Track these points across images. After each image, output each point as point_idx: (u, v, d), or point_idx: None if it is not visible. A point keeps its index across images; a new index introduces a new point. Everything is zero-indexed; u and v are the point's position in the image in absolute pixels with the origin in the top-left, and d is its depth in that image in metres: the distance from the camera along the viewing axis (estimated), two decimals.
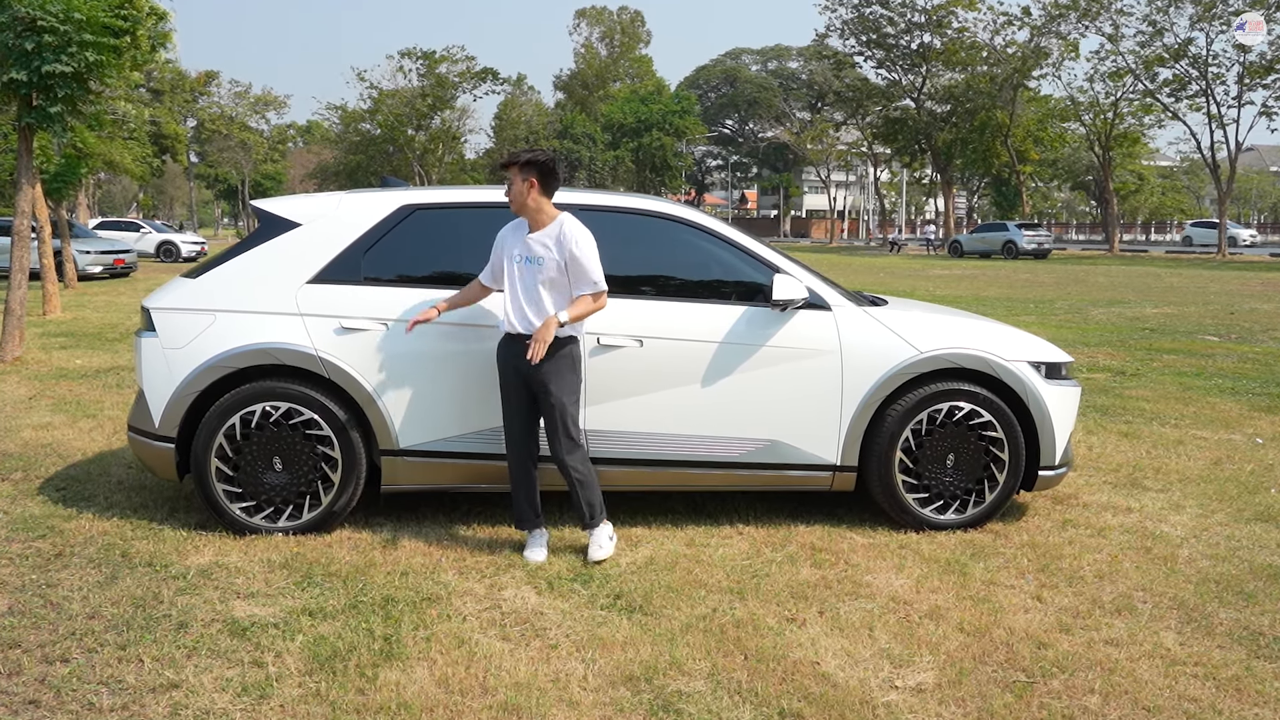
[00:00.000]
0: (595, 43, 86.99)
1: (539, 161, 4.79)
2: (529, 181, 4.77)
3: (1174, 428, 8.26)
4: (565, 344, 4.85)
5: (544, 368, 4.80)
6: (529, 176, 4.77)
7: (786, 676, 3.77)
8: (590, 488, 4.96)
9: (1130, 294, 23.19)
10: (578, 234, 4.77)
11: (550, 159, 4.84)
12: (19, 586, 4.53)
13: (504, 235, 4.99)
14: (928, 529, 5.42)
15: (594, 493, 4.97)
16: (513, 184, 4.81)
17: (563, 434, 4.88)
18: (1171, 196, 75.70)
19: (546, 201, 4.85)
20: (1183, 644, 4.10)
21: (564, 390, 4.86)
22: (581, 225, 4.83)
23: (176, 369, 5.21)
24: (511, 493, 5.09)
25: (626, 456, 5.31)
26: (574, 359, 4.92)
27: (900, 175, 77.24)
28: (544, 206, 4.84)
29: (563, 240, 4.76)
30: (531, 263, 4.81)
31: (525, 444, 5.03)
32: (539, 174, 4.78)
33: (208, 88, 69.53)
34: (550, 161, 4.83)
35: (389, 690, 3.61)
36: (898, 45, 60.48)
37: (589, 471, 4.97)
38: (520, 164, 4.78)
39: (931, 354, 5.36)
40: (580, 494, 4.94)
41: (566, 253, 4.74)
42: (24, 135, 11.05)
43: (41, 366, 10.84)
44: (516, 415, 4.99)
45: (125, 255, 27.03)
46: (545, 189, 4.82)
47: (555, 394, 4.83)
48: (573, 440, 4.90)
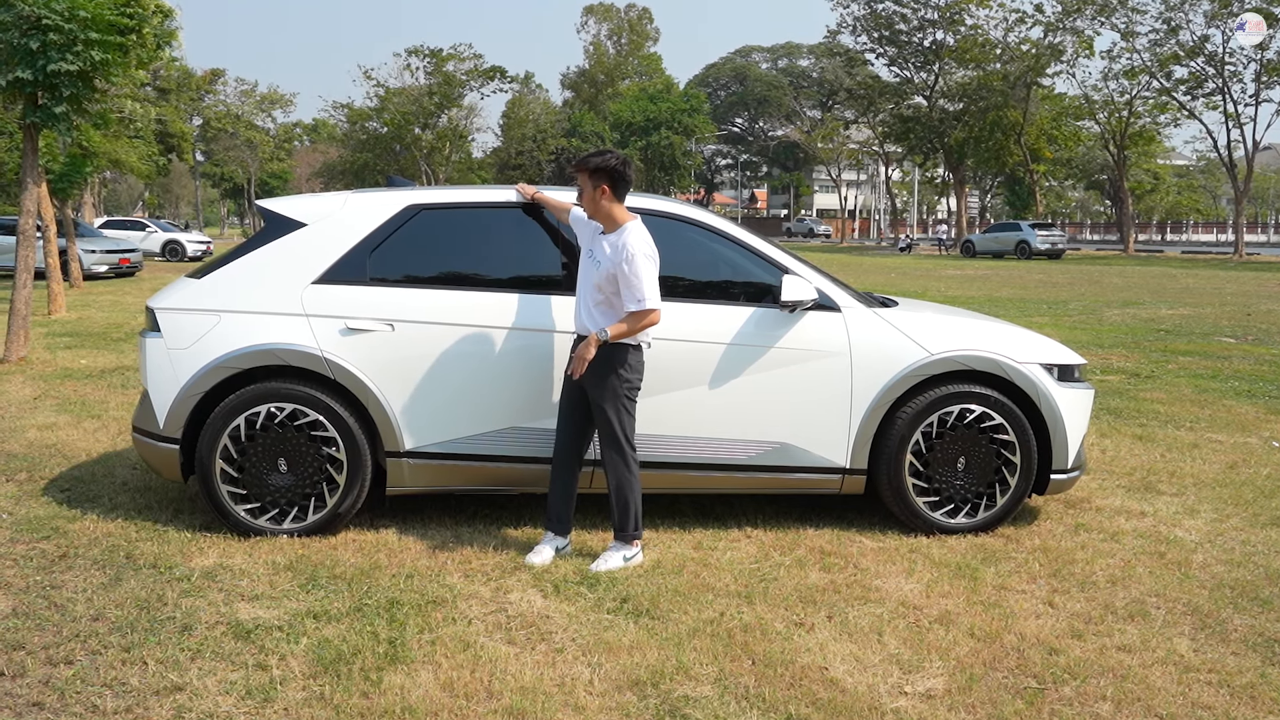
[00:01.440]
0: (604, 40, 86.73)
1: (608, 168, 4.69)
2: (600, 188, 4.69)
3: (1189, 431, 8.20)
4: (617, 351, 4.74)
5: (594, 374, 4.74)
6: (600, 184, 4.68)
7: (794, 682, 3.73)
8: (626, 502, 4.86)
9: (1145, 295, 23.02)
10: (634, 248, 4.62)
11: (620, 163, 4.73)
12: (23, 588, 4.51)
13: (586, 221, 4.96)
14: (938, 533, 5.38)
15: (630, 508, 4.86)
16: (583, 190, 4.74)
17: (608, 442, 4.82)
18: (1188, 196, 75.04)
19: (618, 206, 4.76)
20: (1197, 650, 4.05)
21: (609, 398, 4.77)
22: (644, 238, 4.68)
23: (181, 369, 5.18)
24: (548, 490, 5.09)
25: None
26: (629, 365, 4.78)
27: (912, 174, 76.91)
28: (614, 211, 4.74)
29: (619, 249, 4.65)
30: (592, 261, 4.78)
31: (567, 446, 4.98)
32: (609, 180, 4.69)
33: (214, 86, 69.54)
34: (620, 166, 4.72)
35: (393, 694, 3.58)
36: (910, 42, 60.14)
37: (630, 486, 4.86)
38: (590, 170, 4.70)
39: (942, 356, 5.32)
40: (615, 504, 4.88)
41: (618, 264, 4.64)
42: (29, 134, 11.04)
43: (46, 366, 10.83)
44: (564, 416, 4.96)
45: (130, 254, 27.03)
46: (617, 193, 4.74)
47: (601, 402, 4.77)
48: (617, 451, 4.82)
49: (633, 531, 4.89)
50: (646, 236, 4.70)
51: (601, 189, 4.69)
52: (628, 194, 4.84)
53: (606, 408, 4.77)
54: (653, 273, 4.65)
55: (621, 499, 4.86)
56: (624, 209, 4.77)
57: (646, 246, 4.66)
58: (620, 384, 4.77)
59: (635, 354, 4.82)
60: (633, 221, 4.74)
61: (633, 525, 4.88)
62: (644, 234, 4.70)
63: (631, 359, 4.80)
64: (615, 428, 4.79)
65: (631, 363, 4.80)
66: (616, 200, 4.74)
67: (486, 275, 5.37)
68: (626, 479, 4.85)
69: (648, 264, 4.63)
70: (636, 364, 4.83)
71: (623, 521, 4.88)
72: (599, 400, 4.78)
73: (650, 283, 4.63)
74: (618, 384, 4.76)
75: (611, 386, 4.76)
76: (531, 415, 5.22)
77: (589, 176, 4.70)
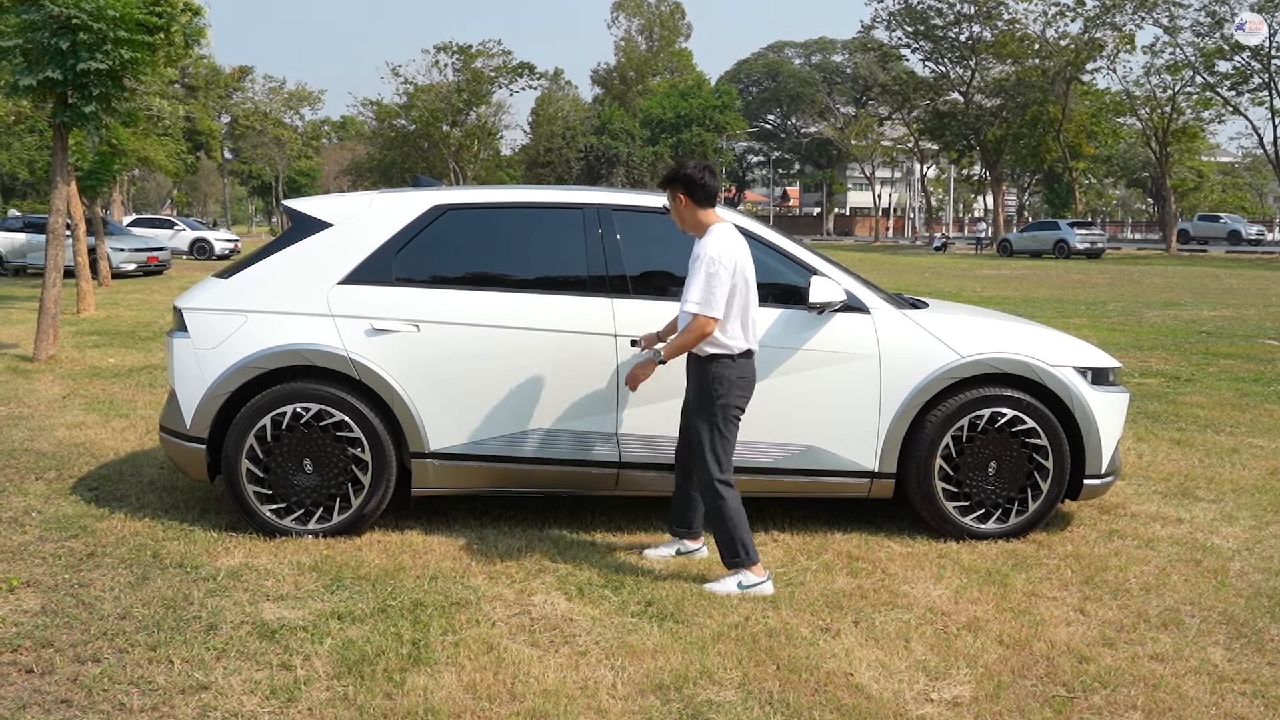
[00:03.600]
0: (635, 35, 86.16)
1: (681, 176, 4.59)
2: (678, 198, 4.61)
3: (1229, 435, 8.06)
4: (705, 363, 4.59)
5: (691, 387, 4.67)
6: (676, 193, 4.61)
7: (819, 687, 3.70)
8: (721, 534, 4.61)
9: (1187, 295, 22.57)
10: (704, 250, 4.48)
11: (695, 169, 4.59)
12: (52, 586, 4.54)
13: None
14: (968, 538, 5.32)
15: (727, 538, 4.59)
16: (670, 205, 4.70)
17: (696, 461, 4.65)
18: (1233, 194, 73.46)
19: (704, 211, 4.62)
20: (1231, 660, 3.99)
21: (698, 414, 4.61)
22: (719, 243, 4.50)
23: (208, 369, 5.21)
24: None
25: (662, 461, 5.23)
26: (717, 379, 4.57)
27: (948, 172, 75.89)
28: (699, 218, 4.61)
29: (692, 254, 4.56)
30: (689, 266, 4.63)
31: (679, 453, 4.93)
32: (685, 188, 4.58)
33: (242, 83, 69.92)
34: (695, 172, 4.58)
35: (416, 695, 3.58)
36: (946, 37, 59.11)
37: (721, 516, 4.59)
38: (666, 183, 4.65)
39: (973, 358, 5.26)
40: (714, 535, 4.66)
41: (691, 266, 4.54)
42: (59, 133, 11.15)
43: (75, 365, 10.94)
44: (680, 424, 4.92)
45: (159, 253, 27.26)
46: (697, 200, 4.59)
47: (695, 417, 4.63)
48: (703, 472, 4.61)
49: (743, 559, 4.59)
50: (723, 242, 4.51)
51: (680, 198, 4.60)
52: (713, 198, 4.63)
53: (698, 424, 4.61)
54: (714, 278, 4.43)
55: (716, 529, 4.62)
56: (711, 214, 4.62)
57: (716, 250, 4.46)
58: (709, 401, 4.58)
59: (725, 367, 4.58)
60: (717, 225, 4.59)
61: (739, 553, 4.59)
62: (722, 239, 4.51)
63: (719, 371, 4.57)
64: (703, 447, 4.59)
65: (720, 376, 4.57)
66: (698, 206, 4.60)
67: (513, 276, 5.37)
68: (715, 507, 4.60)
69: (710, 268, 4.43)
70: (727, 378, 4.57)
71: (723, 552, 4.63)
72: (692, 415, 4.65)
73: (705, 288, 4.43)
74: (707, 401, 4.58)
75: (701, 403, 4.60)
76: (557, 417, 5.20)
77: (667, 190, 4.66)
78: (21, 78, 10.30)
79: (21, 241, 26.15)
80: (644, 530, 5.43)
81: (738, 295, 4.53)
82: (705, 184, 4.58)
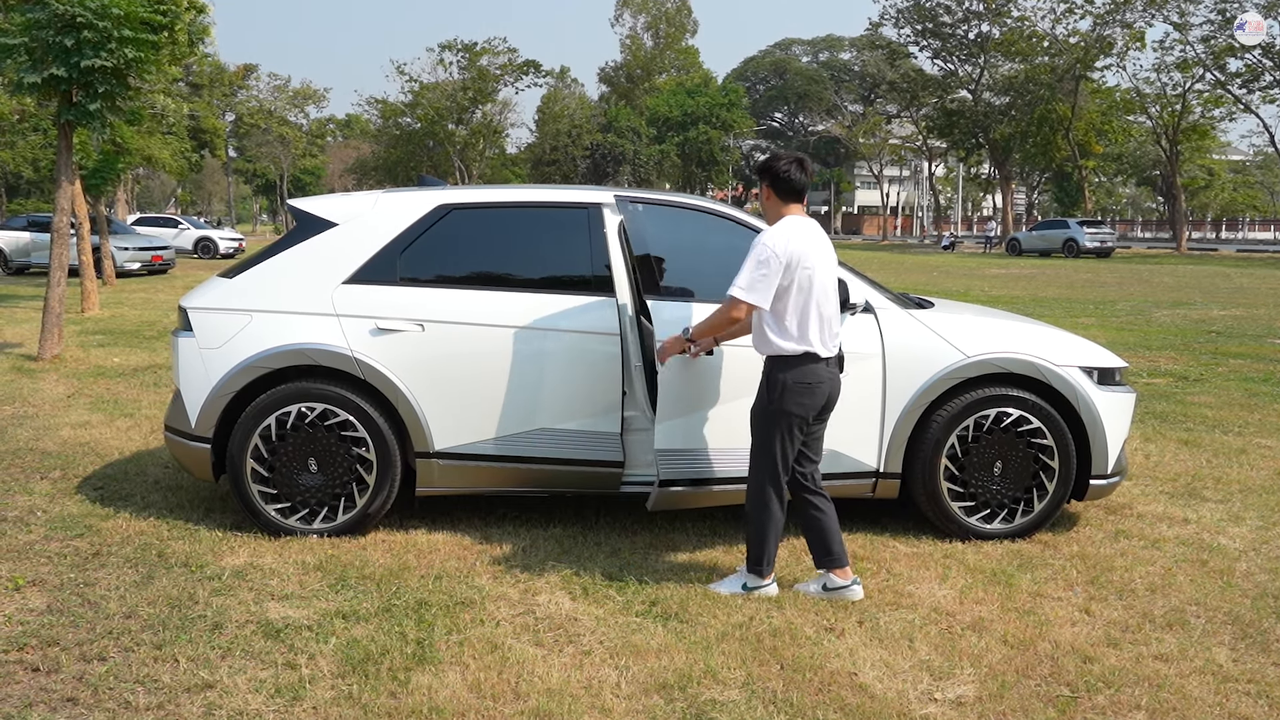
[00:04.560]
0: (640, 33, 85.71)
1: (768, 168, 4.47)
2: (764, 188, 4.50)
3: (1237, 436, 8.03)
4: (767, 364, 4.45)
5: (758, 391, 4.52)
6: (763, 183, 4.49)
7: (823, 687, 3.70)
8: (754, 532, 4.50)
9: (1197, 295, 22.41)
10: (761, 237, 4.34)
11: (783, 163, 4.43)
12: (58, 585, 4.55)
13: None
14: (974, 538, 5.31)
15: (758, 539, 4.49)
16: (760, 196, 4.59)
17: (751, 461, 4.52)
18: (1244, 192, 72.82)
19: (781, 205, 4.46)
20: (1236, 660, 3.98)
21: (758, 417, 4.47)
22: (778, 232, 4.33)
23: (213, 369, 5.22)
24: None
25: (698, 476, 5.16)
26: (775, 384, 4.38)
27: (956, 170, 75.53)
28: (773, 210, 4.49)
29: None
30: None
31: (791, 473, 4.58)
32: (770, 180, 4.45)
33: (246, 81, 69.98)
34: (782, 166, 4.42)
35: (421, 694, 3.59)
36: (954, 34, 58.94)
37: (760, 516, 4.47)
38: (758, 172, 4.55)
39: (978, 358, 5.25)
40: (747, 529, 4.57)
41: None
42: (64, 132, 11.16)
43: (80, 364, 10.96)
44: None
45: (163, 252, 27.27)
46: (779, 192, 4.45)
47: (754, 418, 4.50)
48: (753, 474, 4.49)
49: (764, 566, 4.52)
50: (782, 232, 4.33)
51: (765, 190, 4.50)
52: (797, 193, 4.46)
53: (754, 426, 4.49)
54: (761, 265, 4.26)
55: (749, 532, 4.53)
56: (791, 208, 4.45)
57: (772, 239, 4.29)
58: (764, 404, 4.44)
59: (781, 369, 4.39)
60: (787, 218, 4.42)
61: (764, 561, 4.51)
62: (783, 230, 4.34)
63: (774, 374, 4.40)
64: (757, 451, 4.47)
65: (774, 378, 4.39)
66: (779, 200, 4.46)
67: (517, 275, 5.37)
68: (757, 505, 4.48)
69: (761, 254, 4.27)
70: (782, 381, 4.36)
71: (750, 550, 4.54)
72: (753, 415, 4.50)
73: (749, 272, 4.27)
74: (762, 403, 4.44)
75: (759, 404, 4.47)
76: (562, 416, 5.20)
77: (760, 178, 4.54)
78: (26, 76, 10.33)
79: (26, 240, 26.18)
80: (648, 530, 5.43)
81: (797, 292, 4.32)
82: (789, 178, 4.42)
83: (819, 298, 4.35)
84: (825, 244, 4.46)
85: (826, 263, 4.43)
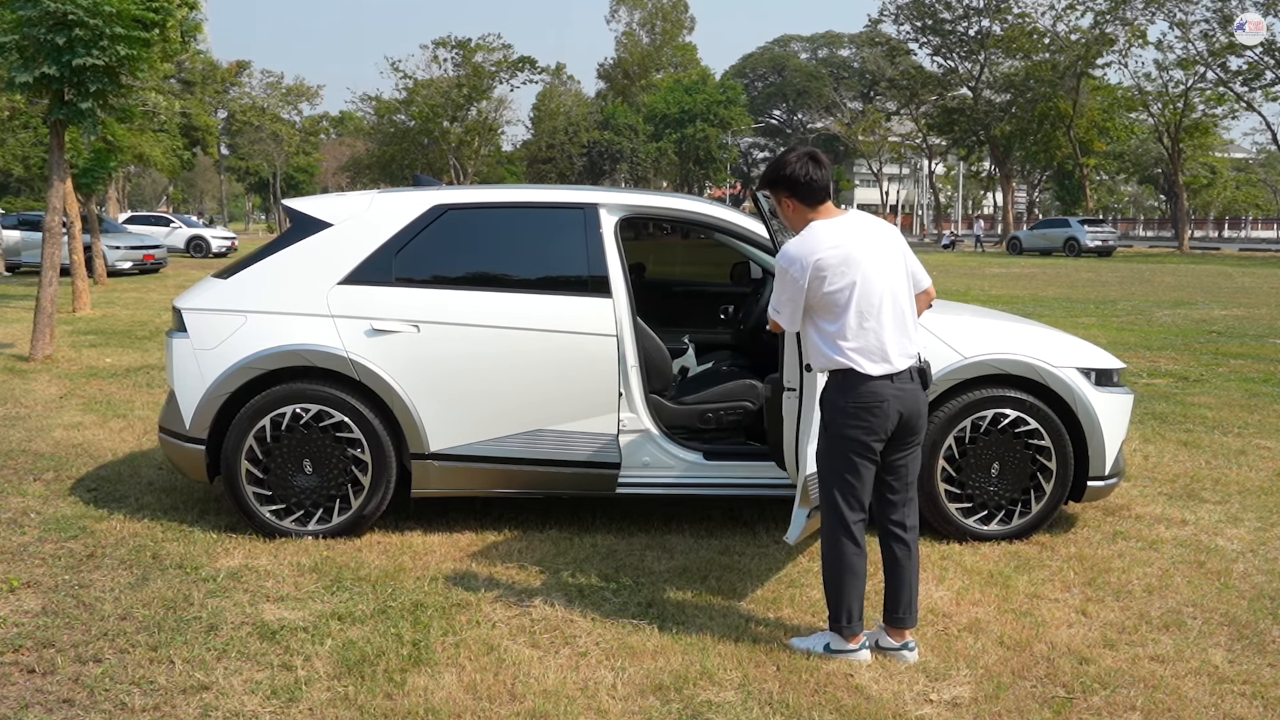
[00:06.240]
0: (636, 29, 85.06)
1: (783, 178, 3.90)
2: (784, 203, 3.96)
3: (1237, 437, 8.01)
4: (822, 389, 3.96)
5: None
6: (781, 198, 3.95)
7: (819, 688, 3.70)
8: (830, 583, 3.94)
9: (1198, 294, 22.27)
10: (780, 252, 3.91)
11: (797, 166, 3.86)
12: (52, 587, 4.54)
13: None
14: (971, 540, 5.30)
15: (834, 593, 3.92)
16: (779, 211, 4.08)
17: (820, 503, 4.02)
18: (1247, 191, 72.30)
19: (809, 210, 3.90)
20: (1232, 662, 3.99)
21: (820, 441, 3.98)
22: (799, 244, 3.83)
23: (207, 370, 5.20)
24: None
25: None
26: (828, 404, 3.88)
27: (956, 168, 75.22)
28: (799, 220, 3.94)
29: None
30: None
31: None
32: (788, 190, 3.90)
33: (239, 78, 69.65)
34: (798, 169, 3.86)
35: (417, 695, 3.59)
36: (954, 31, 58.66)
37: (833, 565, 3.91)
38: (769, 185, 4.00)
39: (975, 359, 5.25)
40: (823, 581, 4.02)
41: None
42: (55, 130, 11.12)
43: (72, 365, 10.92)
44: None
45: (155, 251, 27.08)
46: (801, 199, 3.90)
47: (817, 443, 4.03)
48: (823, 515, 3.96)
49: (845, 625, 3.90)
50: (802, 241, 3.84)
51: (786, 203, 3.95)
52: (823, 193, 3.91)
53: (817, 452, 4.00)
54: (779, 280, 3.89)
55: (822, 573, 3.99)
56: (821, 209, 3.91)
57: (788, 249, 3.85)
58: (822, 429, 3.94)
59: (831, 388, 3.88)
60: (810, 225, 3.89)
61: (841, 619, 3.90)
62: (804, 240, 3.84)
63: (826, 394, 3.91)
64: (820, 487, 3.97)
65: (827, 399, 3.90)
66: (803, 204, 3.91)
67: (513, 276, 5.37)
68: (829, 555, 3.92)
69: (778, 270, 3.89)
70: (834, 402, 3.85)
71: (828, 605, 3.97)
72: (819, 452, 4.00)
73: (777, 293, 3.91)
74: (821, 427, 3.95)
75: (819, 429, 3.97)
76: (558, 418, 5.20)
77: (771, 195, 4.05)
78: (17, 74, 10.30)
79: (15, 239, 26.07)
80: (644, 532, 5.43)
81: (830, 303, 3.80)
82: (811, 181, 3.86)
83: (862, 306, 3.77)
84: (873, 241, 3.87)
85: (878, 264, 3.83)
